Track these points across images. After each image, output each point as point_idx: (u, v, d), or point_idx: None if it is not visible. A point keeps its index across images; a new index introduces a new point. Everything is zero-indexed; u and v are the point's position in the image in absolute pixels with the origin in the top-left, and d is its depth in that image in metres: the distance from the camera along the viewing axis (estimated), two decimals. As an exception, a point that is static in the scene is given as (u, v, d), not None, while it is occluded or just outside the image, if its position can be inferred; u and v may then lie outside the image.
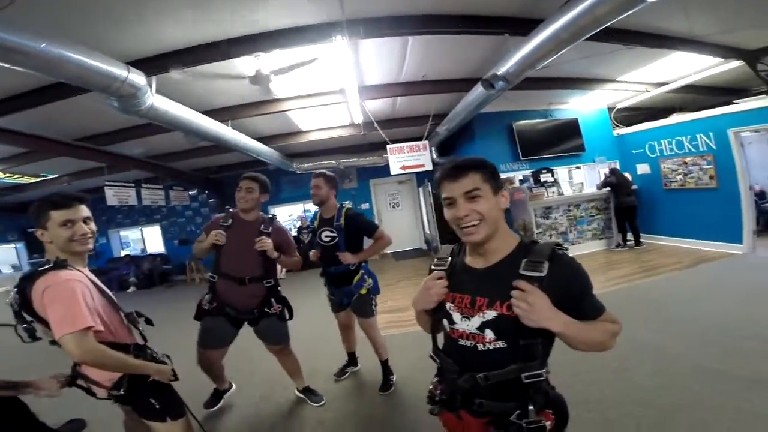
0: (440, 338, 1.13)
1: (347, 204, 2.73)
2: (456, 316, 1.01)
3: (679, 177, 5.94)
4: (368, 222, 2.69)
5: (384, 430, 2.32)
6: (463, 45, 3.74)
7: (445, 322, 1.05)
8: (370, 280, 2.66)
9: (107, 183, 6.43)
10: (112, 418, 1.76)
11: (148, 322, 1.69)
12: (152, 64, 3.05)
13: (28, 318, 1.35)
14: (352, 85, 4.03)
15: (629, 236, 6.38)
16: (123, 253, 10.50)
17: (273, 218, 2.54)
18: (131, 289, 9.20)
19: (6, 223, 9.99)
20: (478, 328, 0.97)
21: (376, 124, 5.72)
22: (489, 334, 0.95)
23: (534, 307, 0.85)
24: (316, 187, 2.59)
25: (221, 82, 3.90)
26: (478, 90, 4.05)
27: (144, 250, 10.77)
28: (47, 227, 1.40)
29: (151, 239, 10.72)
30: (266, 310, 2.40)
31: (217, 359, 2.50)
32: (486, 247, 0.99)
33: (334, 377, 2.96)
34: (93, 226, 1.51)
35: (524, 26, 3.08)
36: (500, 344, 0.94)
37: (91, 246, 1.50)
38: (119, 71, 2.53)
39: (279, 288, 2.49)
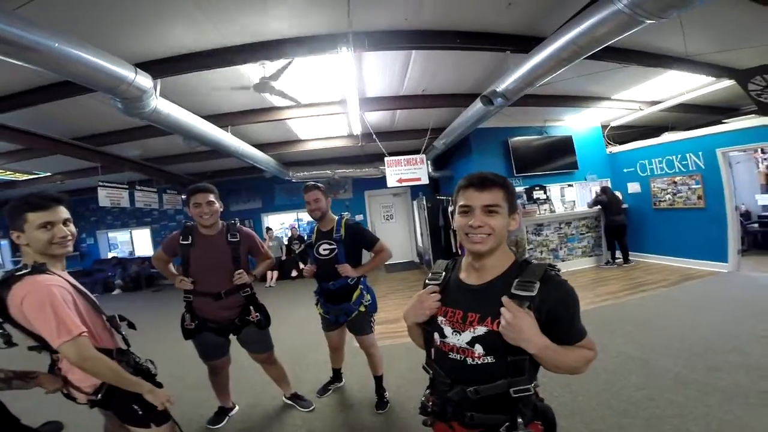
0: (434, 351, 1.14)
1: (346, 214, 2.62)
2: (447, 330, 1.04)
3: (668, 196, 6.09)
4: (369, 233, 2.56)
5: None
6: (465, 61, 3.84)
7: (436, 335, 1.07)
8: (369, 297, 2.55)
9: (101, 183, 6.33)
10: (91, 422, 1.71)
11: (131, 326, 1.63)
12: (159, 67, 3.06)
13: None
14: (353, 96, 4.07)
15: (618, 254, 6.49)
16: (110, 255, 10.32)
17: (234, 223, 2.40)
18: (116, 291, 9.02)
19: None
20: (468, 343, 0.99)
21: (374, 136, 5.78)
22: (478, 349, 0.97)
23: (514, 326, 0.88)
24: (316, 200, 2.44)
25: (224, 88, 3.92)
26: (477, 106, 4.14)
27: (132, 252, 10.59)
28: (24, 230, 1.33)
29: (140, 242, 10.56)
30: (246, 318, 2.33)
31: (223, 366, 2.48)
32: (484, 262, 1.02)
33: (316, 394, 2.84)
34: (72, 228, 1.45)
35: (525, 44, 3.19)
36: (489, 359, 0.96)
37: (71, 248, 1.44)
38: (127, 73, 2.53)
39: (255, 295, 2.41)
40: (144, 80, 2.70)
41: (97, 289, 9.02)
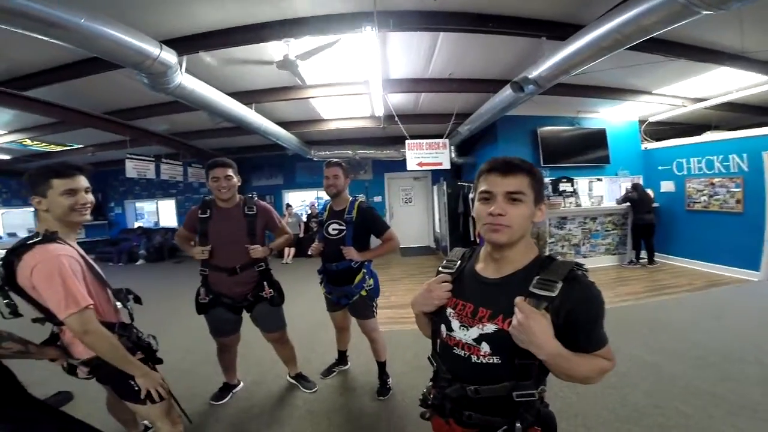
0: (439, 343, 1.09)
1: (360, 197, 2.55)
2: (455, 324, 0.98)
3: (703, 198, 5.75)
4: (380, 219, 2.48)
5: (373, 426, 2.30)
6: (496, 45, 3.65)
7: (442, 327, 1.01)
8: (371, 281, 2.50)
9: (129, 156, 6.54)
10: (99, 392, 1.77)
11: (137, 300, 1.65)
12: (184, 44, 3.06)
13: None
14: (377, 77, 3.99)
15: (643, 254, 6.25)
16: (136, 225, 10.73)
17: (252, 197, 2.42)
18: (140, 261, 9.28)
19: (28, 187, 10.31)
20: (474, 340, 0.93)
21: (396, 118, 5.68)
22: (485, 347, 0.92)
23: (525, 328, 0.81)
24: (335, 176, 2.41)
25: (249, 65, 3.90)
26: (506, 92, 3.98)
27: (157, 223, 10.98)
28: (47, 195, 1.37)
29: (165, 213, 10.94)
30: (260, 294, 2.35)
31: (233, 344, 2.52)
32: (503, 254, 0.94)
33: (320, 375, 2.85)
34: (91, 196, 1.48)
35: (562, 30, 3.01)
36: (495, 359, 0.91)
37: (89, 216, 1.48)
38: (152, 49, 2.54)
39: (271, 270, 2.43)
40: (169, 56, 2.71)
41: (123, 258, 9.33)
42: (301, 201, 10.20)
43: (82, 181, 1.44)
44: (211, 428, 2.31)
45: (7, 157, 7.61)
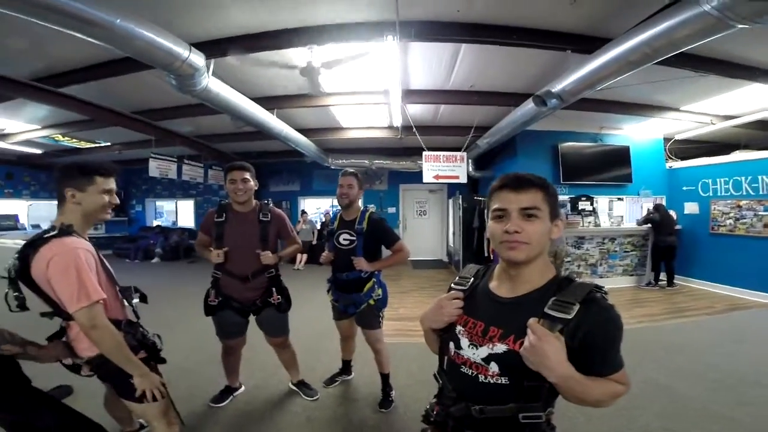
0: (446, 360, 1.07)
1: (371, 207, 2.55)
2: (464, 342, 0.95)
3: (729, 221, 5.55)
4: (390, 230, 2.47)
5: None
6: (519, 58, 3.63)
7: (451, 345, 0.98)
8: (380, 291, 2.47)
9: (153, 155, 6.73)
10: (98, 388, 1.78)
11: (143, 299, 1.67)
12: (212, 47, 3.14)
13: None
14: (397, 87, 4.01)
15: (662, 275, 6.05)
16: (155, 223, 10.98)
17: (268, 203, 2.44)
18: (155, 259, 9.44)
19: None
20: (483, 359, 0.90)
21: (414, 129, 5.69)
22: (494, 367, 0.89)
23: (538, 350, 0.78)
24: (349, 186, 2.42)
25: (273, 71, 3.98)
26: (528, 106, 3.94)
27: (175, 222, 11.22)
28: (86, 190, 1.41)
29: (184, 213, 11.18)
30: (268, 299, 2.37)
31: (238, 346, 2.52)
32: (520, 272, 0.92)
33: (323, 384, 2.82)
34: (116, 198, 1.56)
35: (589, 44, 2.96)
36: (503, 380, 0.88)
37: (108, 217, 1.56)
38: (181, 50, 2.61)
39: (281, 277, 2.44)
40: (197, 59, 2.78)
41: (139, 255, 9.54)
42: (317, 208, 10.29)
43: (114, 183, 1.52)
44: (209, 430, 2.29)
45: (38, 151, 7.91)
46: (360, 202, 2.54)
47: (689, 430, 2.22)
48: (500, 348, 0.88)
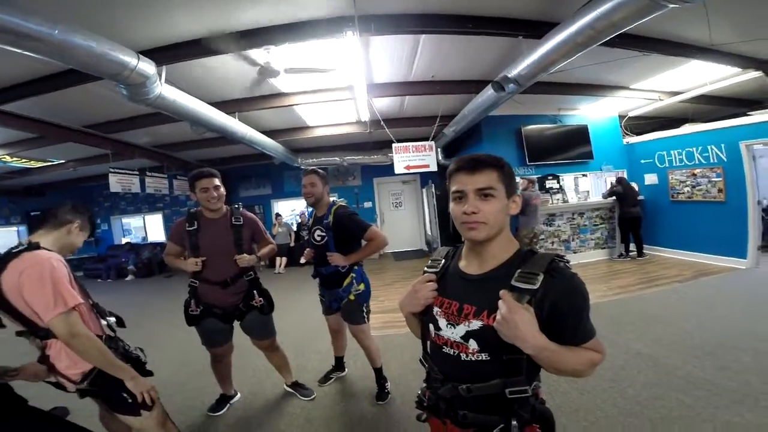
0: (428, 343, 1.09)
1: (340, 201, 2.53)
2: (442, 323, 0.97)
3: (686, 189, 5.88)
4: (357, 222, 2.38)
5: (373, 430, 2.28)
6: (475, 46, 3.70)
7: (431, 327, 1.00)
8: (362, 286, 2.47)
9: (111, 170, 6.43)
10: (95, 408, 1.75)
11: (120, 323, 1.66)
12: (163, 54, 3.03)
13: None
14: (361, 82, 3.99)
15: (632, 247, 6.35)
16: (124, 241, 10.53)
17: (238, 208, 2.41)
18: (129, 277, 9.14)
19: (11, 206, 10.15)
20: (462, 337, 0.92)
21: (382, 123, 5.69)
22: (473, 344, 0.91)
23: (509, 322, 0.81)
24: (311, 185, 2.42)
25: (230, 74, 3.88)
26: (488, 92, 4.02)
27: (145, 238, 10.78)
28: (84, 230, 1.60)
29: (153, 227, 10.74)
30: (250, 303, 2.35)
31: (226, 353, 2.50)
32: (483, 250, 0.94)
33: (317, 383, 2.83)
34: None
35: (539, 29, 3.04)
36: (483, 356, 0.90)
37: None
38: (129, 59, 2.50)
39: (260, 280, 2.43)
40: (147, 66, 2.67)
41: (111, 275, 9.18)
42: (291, 210, 10.14)
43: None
44: None
45: (-17, 174, 7.43)
46: (330, 198, 2.55)
47: (676, 397, 2.30)
48: (476, 324, 0.90)
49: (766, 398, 2.19)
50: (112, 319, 1.60)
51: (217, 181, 2.24)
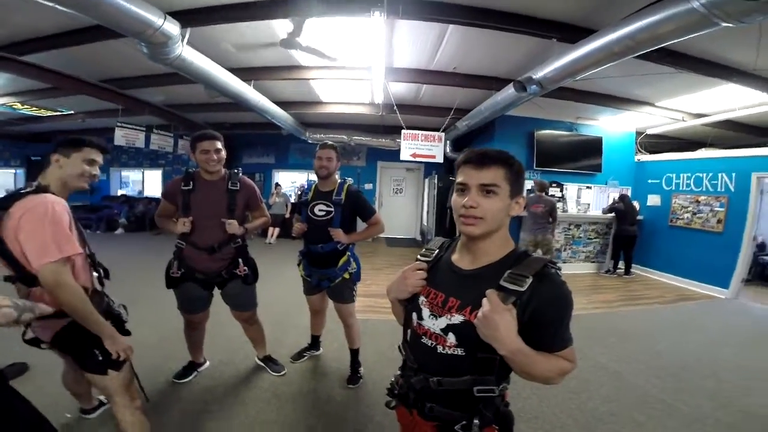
0: (409, 332, 1.09)
1: (349, 180, 2.53)
2: (425, 312, 0.97)
3: (687, 215, 5.89)
4: (368, 203, 2.47)
5: (340, 413, 2.28)
6: (504, 43, 3.60)
7: (414, 315, 1.01)
8: (355, 265, 2.49)
9: (119, 124, 6.37)
10: (54, 365, 1.73)
11: (105, 274, 1.62)
12: (189, 16, 2.99)
13: None
14: (380, 64, 3.92)
15: (621, 264, 6.40)
16: (120, 193, 10.44)
17: (237, 173, 2.33)
18: (119, 230, 9.01)
19: (12, 150, 10.14)
20: (442, 330, 0.92)
21: (395, 108, 5.62)
22: (451, 338, 0.91)
23: (489, 321, 0.80)
24: (328, 159, 2.38)
25: (252, 41, 3.80)
26: (509, 91, 3.96)
27: (141, 192, 10.71)
28: (70, 156, 1.44)
29: (151, 182, 10.67)
30: (234, 271, 2.29)
31: (201, 321, 2.46)
32: (478, 245, 0.93)
33: (290, 359, 2.80)
34: (98, 171, 1.58)
35: (575, 34, 2.97)
36: (459, 351, 0.90)
37: (87, 186, 1.56)
38: (155, 18, 2.47)
39: (247, 248, 2.37)
40: (171, 27, 2.64)
41: (102, 226, 9.04)
42: (291, 182, 10.08)
43: (101, 158, 1.55)
44: (172, 406, 2.22)
45: (-7, 118, 7.36)
46: (337, 175, 2.51)
47: (631, 414, 2.34)
48: (457, 318, 0.90)
49: (712, 424, 2.27)
50: (102, 272, 1.59)
51: (219, 144, 2.17)
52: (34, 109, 6.66)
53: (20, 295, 1.37)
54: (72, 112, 7.05)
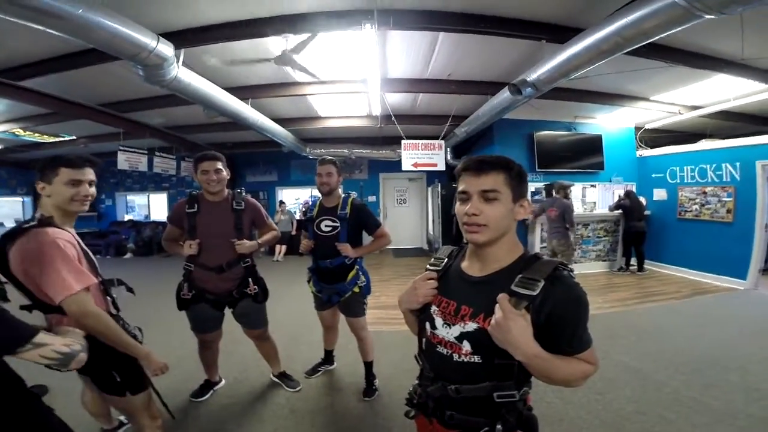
0: (424, 341, 1.08)
1: (353, 193, 2.56)
2: (438, 321, 0.96)
3: (695, 207, 5.82)
4: (373, 216, 2.50)
5: (358, 427, 2.26)
6: (495, 47, 3.65)
7: (427, 325, 1.00)
8: (364, 278, 2.50)
9: (121, 148, 6.46)
10: (73, 387, 1.76)
11: (129, 290, 1.65)
12: (183, 37, 3.03)
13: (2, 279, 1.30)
14: (375, 76, 3.97)
15: (633, 260, 6.31)
16: (126, 218, 10.57)
17: (240, 192, 2.39)
18: (128, 255, 9.13)
19: (18, 177, 10.25)
20: (456, 338, 0.92)
21: (393, 118, 5.67)
22: (466, 346, 0.90)
23: (503, 327, 0.79)
24: (328, 174, 2.39)
25: (247, 60, 3.87)
26: (504, 94, 3.98)
27: (147, 216, 10.83)
28: (52, 182, 1.39)
29: (156, 206, 10.81)
30: (244, 290, 2.32)
31: (214, 340, 2.48)
32: (486, 252, 0.93)
33: (305, 375, 2.81)
34: (94, 190, 1.50)
35: (563, 34, 2.99)
36: (476, 359, 0.89)
37: (86, 208, 1.50)
38: (148, 41, 2.51)
39: (256, 267, 2.40)
40: (165, 49, 2.68)
41: (110, 251, 9.17)
42: (295, 199, 10.14)
43: (89, 174, 1.46)
44: (191, 425, 2.26)
45: (-3, 146, 7.49)
46: (340, 189, 2.53)
47: (661, 414, 2.28)
48: (471, 326, 0.90)
49: (744, 418, 2.20)
50: (117, 296, 1.59)
51: (219, 165, 2.21)
52: (36, 135, 6.76)
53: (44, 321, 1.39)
54: (74, 137, 7.16)
